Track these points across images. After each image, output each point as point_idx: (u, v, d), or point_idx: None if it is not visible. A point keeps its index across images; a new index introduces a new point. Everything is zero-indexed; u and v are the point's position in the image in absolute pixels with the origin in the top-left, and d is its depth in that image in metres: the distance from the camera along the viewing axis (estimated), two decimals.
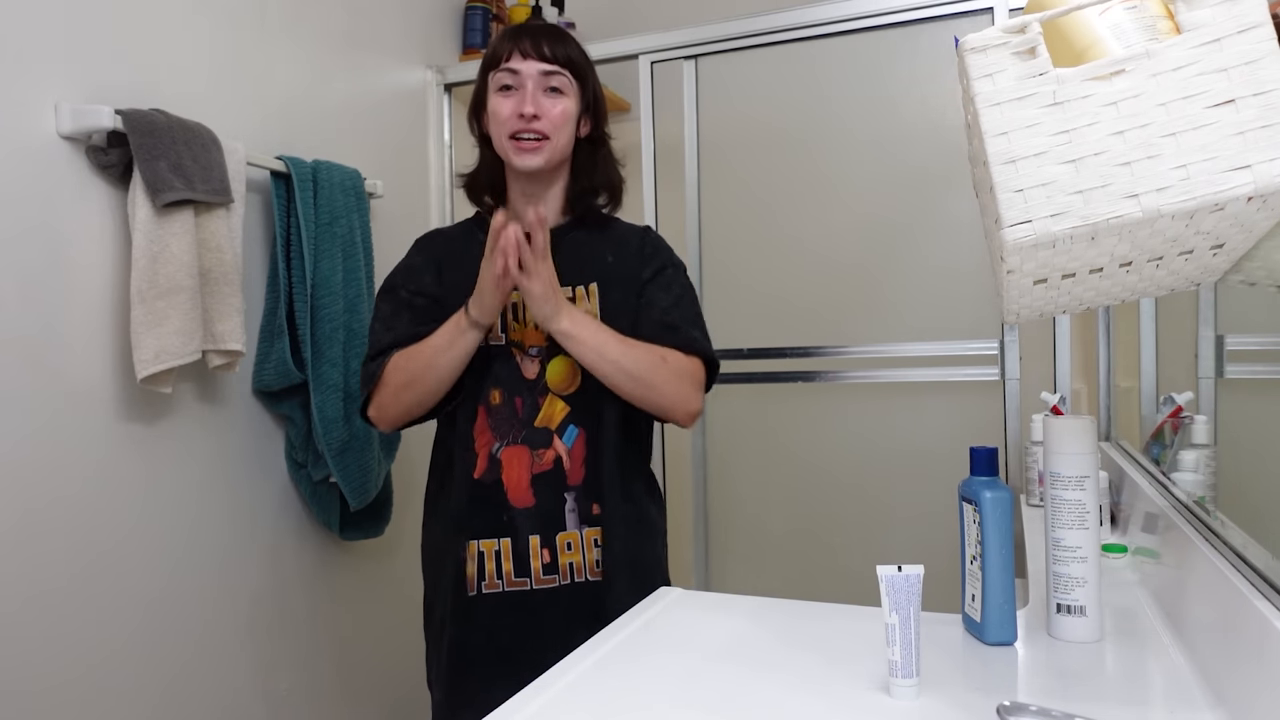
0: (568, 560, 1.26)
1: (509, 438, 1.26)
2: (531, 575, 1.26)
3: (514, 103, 1.25)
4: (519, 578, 1.26)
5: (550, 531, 1.26)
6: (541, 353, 1.28)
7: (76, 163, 1.35)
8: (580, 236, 1.33)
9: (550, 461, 1.27)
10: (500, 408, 1.27)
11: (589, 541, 1.27)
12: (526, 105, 1.23)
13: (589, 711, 0.78)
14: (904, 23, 1.83)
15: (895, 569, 0.79)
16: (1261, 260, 0.79)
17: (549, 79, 1.25)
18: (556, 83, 1.25)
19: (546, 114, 1.24)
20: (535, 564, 1.26)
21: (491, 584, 1.26)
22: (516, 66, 1.24)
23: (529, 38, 1.25)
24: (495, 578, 1.26)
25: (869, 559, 1.03)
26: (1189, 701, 0.77)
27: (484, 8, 2.30)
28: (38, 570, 1.29)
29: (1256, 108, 0.61)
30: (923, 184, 2.17)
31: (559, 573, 1.26)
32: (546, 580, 1.26)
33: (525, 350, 1.28)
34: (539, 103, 1.24)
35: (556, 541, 1.26)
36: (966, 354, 1.87)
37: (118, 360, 1.40)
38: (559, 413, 1.27)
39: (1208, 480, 1.11)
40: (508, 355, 1.28)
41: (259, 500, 1.68)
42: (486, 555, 1.26)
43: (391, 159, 2.08)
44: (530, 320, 1.27)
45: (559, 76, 1.25)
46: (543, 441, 1.27)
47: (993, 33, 0.68)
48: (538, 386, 1.27)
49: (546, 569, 1.26)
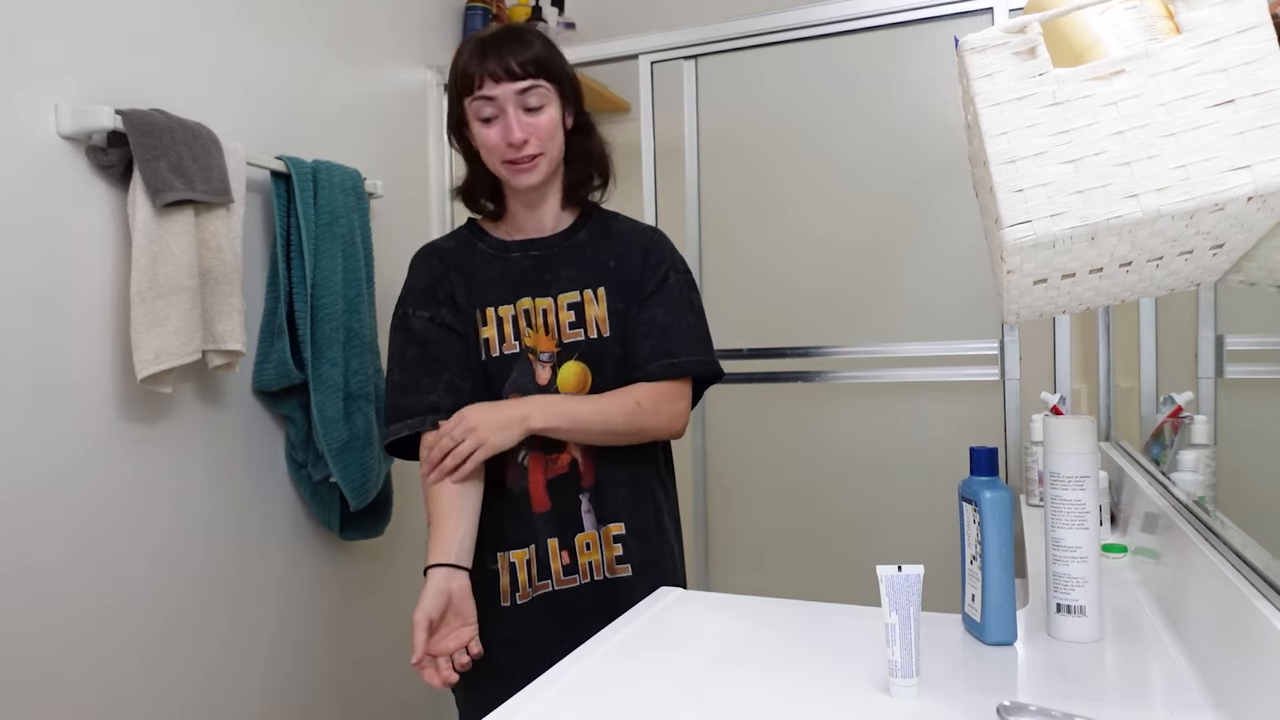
0: (587, 560, 1.27)
1: (529, 444, 1.26)
2: (553, 576, 1.27)
3: (499, 131, 1.22)
4: (541, 581, 1.27)
5: (569, 534, 1.27)
6: (553, 358, 1.28)
7: (76, 163, 1.35)
8: (582, 239, 1.33)
9: (565, 465, 1.28)
10: None
11: (607, 539, 1.28)
12: (514, 133, 1.21)
13: (589, 711, 0.78)
14: (904, 23, 1.82)
15: (895, 569, 0.79)
16: (1261, 260, 0.79)
17: (526, 96, 1.22)
18: (534, 97, 1.23)
19: (534, 133, 1.22)
20: (555, 565, 1.26)
21: (524, 593, 1.27)
22: (491, 93, 1.21)
23: (495, 57, 1.21)
24: (527, 586, 1.27)
25: (869, 559, 1.03)
26: (1189, 701, 0.77)
27: (484, 8, 2.30)
28: (37, 569, 1.28)
29: (1256, 108, 0.61)
30: (923, 184, 2.17)
31: (579, 572, 1.27)
32: (568, 580, 1.27)
33: (538, 356, 1.28)
34: (524, 124, 1.22)
35: (575, 543, 1.27)
36: (966, 354, 1.87)
37: (118, 360, 1.40)
38: None
39: (1208, 480, 1.11)
40: (525, 362, 1.28)
41: (259, 500, 1.68)
42: (519, 565, 1.27)
43: (391, 159, 2.08)
44: (543, 326, 1.28)
45: (536, 90, 1.22)
46: (556, 446, 1.27)
47: (993, 33, 0.68)
48: (550, 391, 1.27)
49: (567, 570, 1.27)
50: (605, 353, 1.28)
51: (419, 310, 1.31)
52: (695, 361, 1.29)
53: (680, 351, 1.29)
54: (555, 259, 1.31)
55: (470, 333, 1.30)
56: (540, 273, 1.30)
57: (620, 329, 1.29)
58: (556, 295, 1.29)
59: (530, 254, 1.31)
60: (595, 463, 1.28)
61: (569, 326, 1.28)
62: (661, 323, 1.29)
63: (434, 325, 1.30)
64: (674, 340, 1.28)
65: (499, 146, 1.23)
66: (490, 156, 1.26)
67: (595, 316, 1.28)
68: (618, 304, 1.29)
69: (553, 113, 1.25)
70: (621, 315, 1.29)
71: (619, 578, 1.28)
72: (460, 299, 1.31)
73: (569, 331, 1.28)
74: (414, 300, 1.32)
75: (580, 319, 1.28)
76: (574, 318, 1.28)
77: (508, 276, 1.30)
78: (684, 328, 1.30)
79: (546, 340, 1.28)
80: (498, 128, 1.23)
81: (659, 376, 1.27)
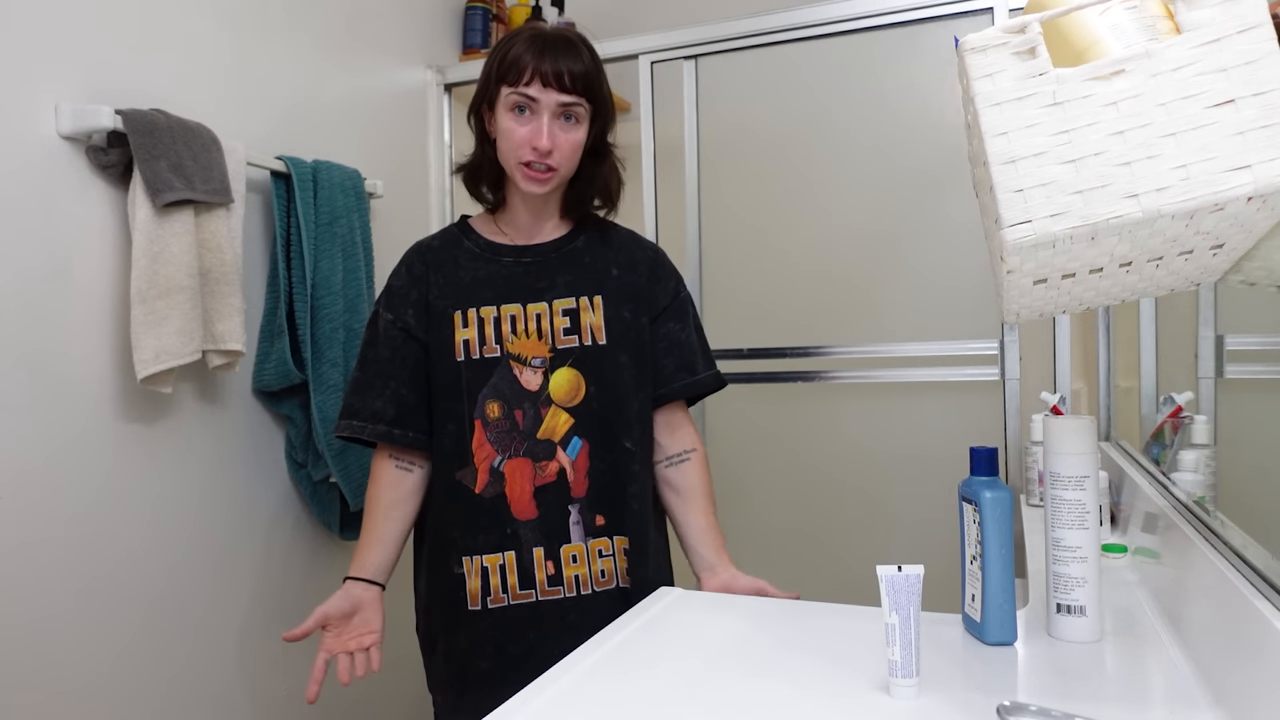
0: (573, 573, 1.25)
1: (510, 450, 1.25)
2: (536, 587, 1.25)
3: (528, 131, 1.21)
4: (524, 590, 1.25)
5: (554, 544, 1.25)
6: (545, 364, 1.27)
7: (76, 163, 1.35)
8: (580, 246, 1.32)
9: (554, 474, 1.26)
10: (499, 421, 1.25)
11: (594, 553, 1.26)
12: (542, 139, 1.20)
13: (588, 712, 0.78)
14: (904, 23, 1.82)
15: (895, 569, 0.79)
16: (1261, 260, 0.79)
17: (566, 109, 1.22)
18: (574, 112, 1.23)
19: (559, 146, 1.22)
20: (540, 575, 1.25)
21: (497, 599, 1.25)
22: (535, 95, 1.20)
23: (550, 62, 1.20)
24: (500, 592, 1.25)
25: (869, 559, 1.03)
26: (1189, 701, 0.77)
27: (484, 8, 2.30)
28: (37, 569, 1.28)
29: (1256, 108, 0.61)
30: (923, 184, 2.17)
31: (564, 585, 1.25)
32: (552, 592, 1.25)
33: (526, 362, 1.26)
34: (554, 136, 1.21)
35: (561, 554, 1.25)
36: (966, 354, 1.87)
37: (118, 360, 1.40)
38: (563, 425, 1.26)
39: (1208, 480, 1.11)
40: (505, 367, 1.26)
41: (259, 500, 1.68)
42: (491, 570, 1.25)
43: (391, 159, 2.08)
44: (535, 331, 1.27)
45: (577, 108, 1.23)
46: (545, 454, 1.25)
47: (993, 33, 0.68)
48: (540, 398, 1.26)
49: (551, 580, 1.25)
50: (603, 360, 1.27)
51: (386, 311, 1.32)
52: (710, 377, 1.37)
53: (700, 368, 1.35)
54: (552, 265, 1.30)
55: (440, 337, 1.28)
56: (534, 278, 1.29)
57: (620, 338, 1.28)
58: (551, 301, 1.28)
59: (523, 260, 1.30)
60: (586, 473, 1.26)
61: (563, 333, 1.27)
62: (679, 339, 1.34)
63: (395, 329, 1.30)
64: (693, 356, 1.35)
65: (523, 146, 1.22)
66: (509, 151, 1.24)
67: (591, 324, 1.28)
68: (619, 312, 1.29)
69: (582, 134, 1.26)
70: (624, 324, 1.29)
71: (604, 591, 1.26)
72: (435, 301, 1.29)
73: (563, 338, 1.27)
74: (385, 299, 1.34)
75: (575, 325, 1.27)
76: (569, 324, 1.27)
77: (495, 279, 1.29)
78: (699, 344, 1.37)
79: (538, 346, 1.26)
80: (528, 126, 1.22)
81: (682, 395, 1.34)
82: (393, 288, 1.34)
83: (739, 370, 2.06)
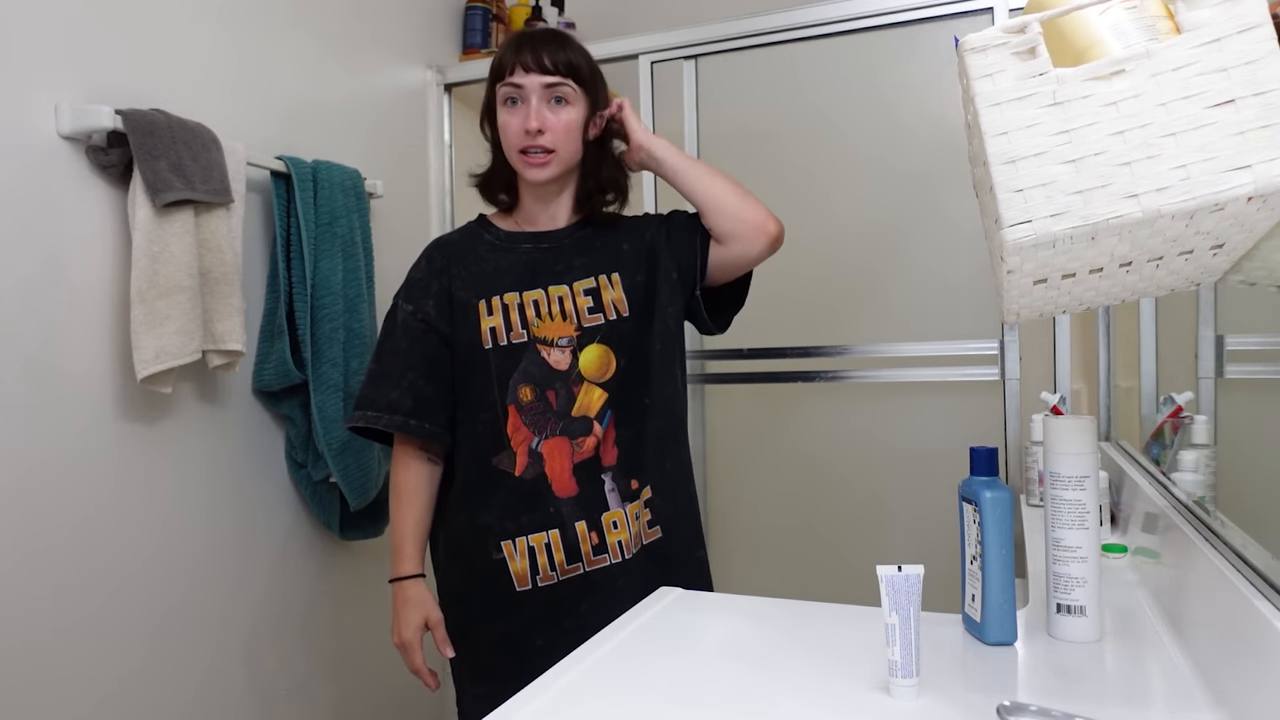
0: (616, 539, 1.28)
1: (546, 431, 1.28)
2: (583, 559, 1.28)
3: (519, 118, 1.27)
4: (571, 565, 1.28)
5: (595, 515, 1.28)
6: (572, 343, 1.30)
7: (76, 163, 1.35)
8: (591, 233, 1.37)
9: (591, 449, 1.29)
10: (533, 404, 1.28)
11: (632, 516, 1.29)
12: (531, 121, 1.25)
13: (589, 711, 0.78)
14: (904, 23, 1.82)
15: (895, 569, 0.79)
16: (1261, 260, 0.79)
17: (552, 90, 1.27)
18: (560, 93, 1.27)
19: (551, 127, 1.27)
20: (585, 547, 1.28)
21: (546, 576, 1.27)
22: (519, 80, 1.26)
23: (530, 49, 1.26)
24: (549, 569, 1.27)
25: (869, 559, 1.03)
26: (1189, 701, 0.77)
27: (484, 8, 2.30)
28: (37, 568, 1.28)
29: (1256, 108, 0.61)
30: (923, 184, 2.17)
31: (608, 551, 1.28)
32: (598, 560, 1.28)
33: (552, 343, 1.29)
34: (543, 117, 1.26)
35: (603, 522, 1.28)
36: (966, 354, 1.87)
37: (118, 360, 1.40)
38: (597, 400, 1.29)
39: (1208, 480, 1.11)
40: (533, 351, 1.29)
41: (259, 500, 1.68)
42: (537, 549, 1.27)
43: (391, 159, 2.08)
44: (559, 313, 1.30)
45: (563, 87, 1.27)
46: (582, 430, 1.28)
47: (993, 33, 0.68)
48: (570, 376, 1.29)
49: (596, 550, 1.28)
50: (629, 331, 1.31)
51: (406, 302, 1.35)
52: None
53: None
54: (567, 249, 1.34)
55: (466, 327, 1.30)
56: (553, 262, 1.33)
57: (642, 303, 1.32)
58: (571, 282, 1.32)
59: (541, 246, 1.35)
60: (614, 441, 1.30)
61: (588, 311, 1.31)
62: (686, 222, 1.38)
63: (415, 320, 1.33)
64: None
65: (516, 133, 1.27)
66: (508, 145, 1.29)
67: (613, 299, 1.32)
68: (635, 278, 1.33)
69: (574, 115, 1.29)
70: (641, 287, 1.33)
71: (651, 543, 1.30)
72: (458, 292, 1.32)
73: (588, 316, 1.31)
74: (405, 291, 1.36)
75: (598, 303, 1.31)
76: (592, 303, 1.31)
77: (516, 266, 1.33)
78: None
79: (563, 326, 1.30)
80: (519, 114, 1.27)
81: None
82: (412, 280, 1.36)
83: (739, 370, 2.06)
